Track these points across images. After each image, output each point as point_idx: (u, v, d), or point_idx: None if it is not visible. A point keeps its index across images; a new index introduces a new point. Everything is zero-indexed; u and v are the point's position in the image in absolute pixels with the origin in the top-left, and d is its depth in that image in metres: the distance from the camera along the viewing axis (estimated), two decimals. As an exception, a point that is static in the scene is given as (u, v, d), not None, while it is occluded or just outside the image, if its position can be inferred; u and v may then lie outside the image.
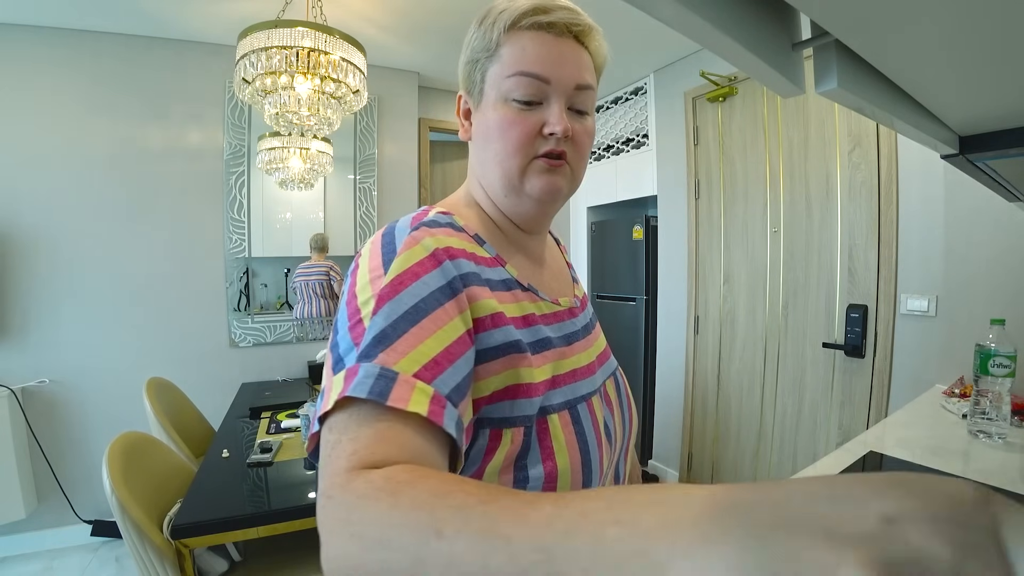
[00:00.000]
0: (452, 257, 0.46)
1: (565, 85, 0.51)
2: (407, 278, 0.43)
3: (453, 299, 0.44)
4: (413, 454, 0.35)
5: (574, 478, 0.48)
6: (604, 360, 0.62)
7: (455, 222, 0.52)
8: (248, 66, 1.48)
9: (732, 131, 2.38)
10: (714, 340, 2.51)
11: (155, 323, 2.34)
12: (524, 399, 0.46)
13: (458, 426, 0.39)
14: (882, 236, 1.82)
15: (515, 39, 0.51)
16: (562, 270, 0.67)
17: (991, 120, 0.58)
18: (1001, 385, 1.14)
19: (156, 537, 1.15)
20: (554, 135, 0.51)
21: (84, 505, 2.24)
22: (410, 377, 0.38)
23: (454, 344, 0.42)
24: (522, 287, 0.54)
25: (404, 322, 0.40)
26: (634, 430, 0.65)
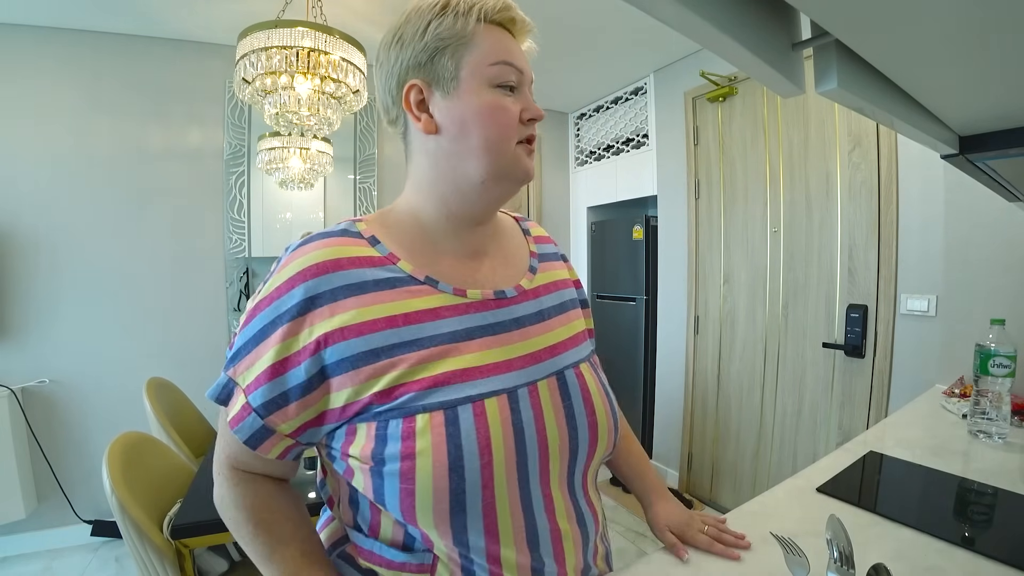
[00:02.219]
0: (312, 275, 0.49)
1: (529, 77, 0.56)
2: (264, 303, 0.50)
3: (293, 321, 0.49)
4: (249, 460, 0.55)
5: (437, 483, 0.47)
6: (546, 356, 0.57)
7: (351, 228, 0.55)
8: (248, 66, 1.48)
9: (732, 131, 2.38)
10: (714, 340, 2.51)
11: (155, 323, 2.34)
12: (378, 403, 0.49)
13: (258, 433, 0.51)
14: (882, 236, 1.82)
15: (490, 30, 0.53)
16: (512, 258, 0.63)
17: (991, 120, 0.58)
18: (1001, 385, 1.14)
19: (156, 537, 1.15)
20: (534, 120, 0.54)
21: (84, 505, 2.24)
22: (243, 389, 0.51)
23: (278, 364, 0.49)
24: (416, 281, 0.54)
25: (251, 343, 0.50)
26: (599, 440, 0.58)
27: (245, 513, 0.54)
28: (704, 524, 0.75)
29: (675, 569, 0.70)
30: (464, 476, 0.47)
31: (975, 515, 0.85)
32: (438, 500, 0.47)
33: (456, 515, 0.48)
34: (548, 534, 0.54)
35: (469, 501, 0.48)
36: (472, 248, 0.59)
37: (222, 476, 0.56)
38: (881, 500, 0.89)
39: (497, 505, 0.50)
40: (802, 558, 0.63)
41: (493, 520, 0.50)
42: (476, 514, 0.49)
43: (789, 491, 0.90)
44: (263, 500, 0.55)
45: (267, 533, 0.54)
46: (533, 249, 0.67)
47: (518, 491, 0.51)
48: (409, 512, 0.48)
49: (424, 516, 0.48)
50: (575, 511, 0.57)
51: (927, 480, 0.97)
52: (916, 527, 0.78)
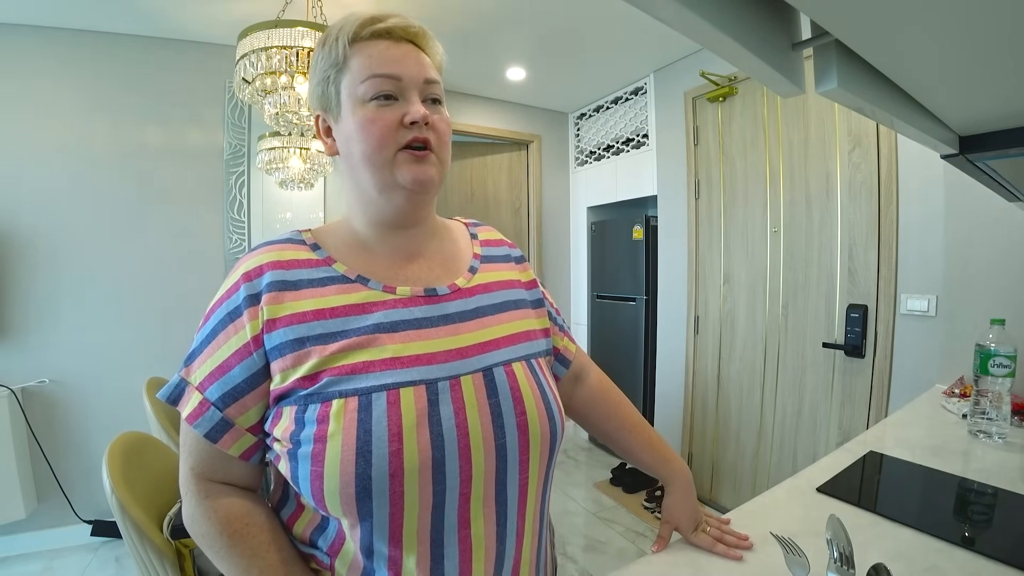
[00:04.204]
0: (255, 276, 0.54)
1: (415, 79, 0.55)
2: (215, 307, 0.55)
3: (238, 319, 0.53)
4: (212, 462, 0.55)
5: (344, 467, 0.47)
6: (473, 352, 0.56)
7: (295, 236, 0.60)
8: (248, 66, 1.48)
9: (732, 131, 2.38)
10: (714, 340, 2.51)
11: (155, 323, 2.34)
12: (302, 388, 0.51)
13: (218, 426, 0.52)
14: (882, 236, 1.82)
15: (360, 49, 0.55)
16: (450, 260, 0.64)
17: (991, 120, 0.58)
18: (1001, 385, 1.14)
19: (156, 537, 1.15)
20: (416, 122, 0.54)
21: (84, 505, 2.24)
22: (195, 387, 0.54)
23: (231, 357, 0.52)
24: (347, 279, 0.56)
25: (204, 343, 0.54)
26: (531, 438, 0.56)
27: (218, 527, 0.53)
28: (708, 524, 0.76)
29: (675, 569, 0.70)
30: (371, 461, 0.47)
31: (975, 515, 0.85)
32: (344, 484, 0.47)
33: (362, 501, 0.48)
34: (456, 543, 0.52)
35: (375, 488, 0.47)
36: (406, 251, 0.61)
37: (190, 492, 0.55)
38: (881, 500, 0.89)
39: (406, 500, 0.49)
40: (802, 558, 0.63)
41: (399, 515, 0.49)
42: (383, 503, 0.48)
43: (789, 491, 0.90)
44: (235, 511, 0.54)
45: (243, 544, 0.52)
46: (477, 251, 0.68)
47: (431, 487, 0.49)
48: (318, 495, 0.49)
49: (332, 500, 0.48)
50: (496, 522, 0.54)
51: (927, 480, 0.97)
52: (916, 527, 0.78)
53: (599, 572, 2.01)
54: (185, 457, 0.55)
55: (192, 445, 0.54)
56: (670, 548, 0.76)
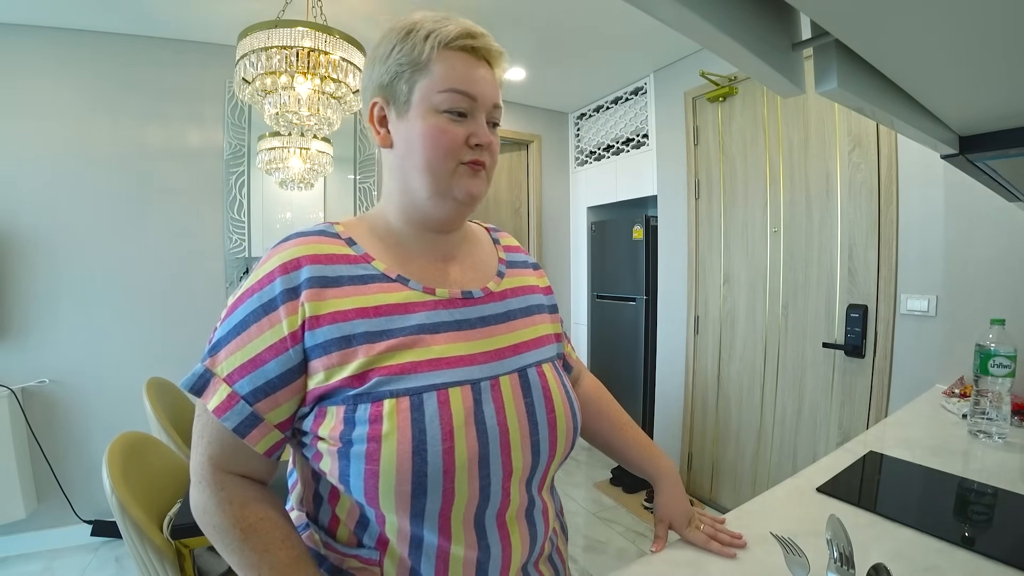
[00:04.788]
0: (292, 269, 0.53)
1: (486, 103, 0.58)
2: (245, 296, 0.54)
3: (273, 312, 0.52)
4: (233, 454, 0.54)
5: (401, 464, 0.49)
6: (509, 353, 0.60)
7: (329, 229, 0.59)
8: (248, 66, 1.48)
9: (732, 131, 2.38)
10: (714, 340, 2.51)
11: (155, 323, 2.34)
12: (349, 387, 0.52)
13: (247, 420, 0.51)
14: (882, 236, 1.82)
15: (446, 58, 0.56)
16: (480, 264, 0.68)
17: (991, 120, 0.58)
18: (1001, 385, 1.14)
19: (156, 537, 1.15)
20: (480, 145, 0.57)
21: (84, 505, 2.24)
22: (222, 379, 0.52)
23: (262, 352, 0.51)
24: (387, 278, 0.57)
25: (231, 334, 0.53)
26: (559, 435, 0.60)
27: (232, 519, 0.52)
28: (701, 522, 0.76)
29: (675, 569, 0.70)
30: (427, 459, 0.50)
31: (975, 515, 0.85)
32: (400, 481, 0.49)
33: (417, 498, 0.50)
34: (497, 530, 0.56)
35: (430, 484, 0.50)
36: (441, 253, 0.64)
37: (204, 482, 0.54)
38: (881, 500, 0.89)
39: (456, 493, 0.51)
40: (802, 558, 0.63)
41: (448, 508, 0.52)
42: (436, 499, 0.51)
43: (789, 491, 0.90)
44: (250, 504, 0.54)
45: (256, 539, 0.52)
46: (502, 256, 0.72)
47: (477, 481, 0.53)
48: (372, 493, 0.50)
49: (386, 498, 0.50)
50: (528, 509, 0.59)
51: (927, 480, 0.97)
52: (916, 527, 0.78)
53: (599, 572, 2.01)
54: (203, 446, 0.54)
55: (213, 435, 0.53)
56: (670, 548, 0.76)
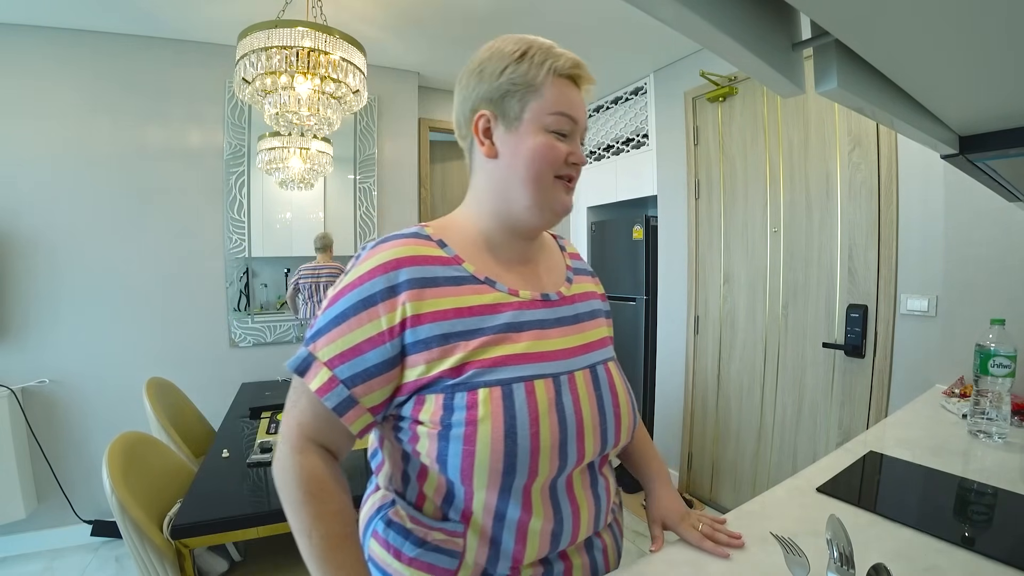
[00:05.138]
0: (392, 268, 0.59)
1: (582, 126, 0.66)
2: (347, 289, 0.60)
3: (374, 307, 0.58)
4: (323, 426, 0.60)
5: (495, 446, 0.56)
6: (581, 352, 0.67)
7: (421, 232, 0.65)
8: (248, 66, 1.48)
9: (732, 131, 2.38)
10: (714, 340, 2.51)
11: (155, 323, 2.34)
12: (449, 378, 0.58)
13: (345, 402, 0.58)
14: (882, 236, 1.82)
15: (558, 84, 0.63)
16: (553, 269, 0.75)
17: (991, 120, 0.58)
18: (1001, 385, 1.14)
19: (156, 537, 1.15)
20: (577, 164, 0.65)
21: (84, 505, 2.24)
22: (323, 363, 0.58)
23: (362, 343, 0.58)
24: (477, 280, 0.64)
25: (334, 322, 0.59)
26: (622, 425, 0.68)
27: (299, 480, 0.58)
28: (699, 521, 0.76)
29: (675, 569, 0.70)
30: (517, 442, 0.57)
31: (975, 515, 0.85)
32: (494, 460, 0.56)
33: (507, 475, 0.57)
34: (569, 504, 0.64)
35: (519, 464, 0.57)
36: (523, 257, 0.71)
37: (287, 442, 0.60)
38: (881, 500, 0.89)
39: (539, 473, 0.59)
40: (802, 558, 0.63)
41: (530, 486, 0.60)
42: (522, 476, 0.58)
43: (789, 491, 0.90)
44: (318, 474, 0.59)
45: (313, 505, 0.58)
46: (568, 263, 0.79)
47: (556, 463, 0.60)
48: (468, 471, 0.57)
49: (480, 474, 0.57)
50: (593, 486, 0.68)
51: (927, 480, 0.97)
52: (916, 527, 0.78)
53: (599, 572, 2.00)
54: (296, 413, 0.61)
55: (308, 408, 0.60)
56: (669, 548, 0.76)
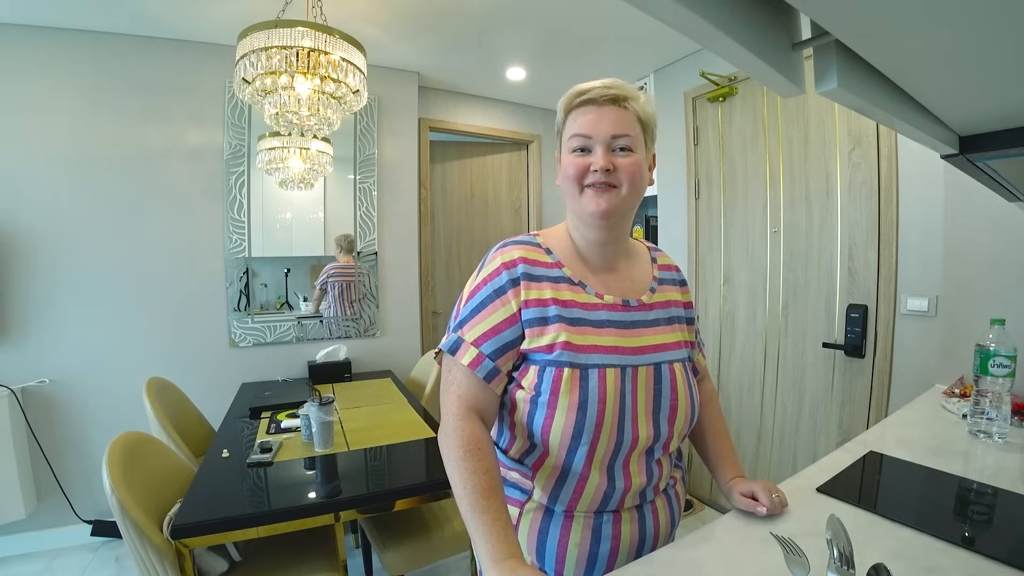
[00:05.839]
0: (512, 266, 0.78)
1: (603, 136, 0.76)
2: (480, 285, 0.79)
3: (504, 295, 0.77)
4: (477, 392, 0.76)
5: (569, 415, 0.73)
6: (650, 351, 0.79)
7: (533, 240, 0.83)
8: (248, 66, 1.48)
9: (732, 131, 2.38)
10: (714, 340, 2.51)
11: (155, 323, 2.34)
12: (542, 352, 0.75)
13: (491, 371, 0.76)
14: (882, 236, 1.82)
15: (572, 115, 0.80)
16: (639, 279, 0.87)
17: (991, 120, 0.58)
18: (1001, 385, 1.14)
19: (156, 537, 1.15)
20: (596, 170, 0.76)
21: (84, 505, 2.24)
22: (469, 344, 0.76)
23: (499, 324, 0.76)
24: (572, 282, 0.80)
25: (473, 313, 0.78)
26: (677, 418, 0.79)
27: (459, 440, 0.72)
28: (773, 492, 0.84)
29: (676, 568, 0.70)
30: (586, 414, 0.73)
31: (975, 515, 0.85)
32: (567, 425, 0.73)
33: (575, 439, 0.73)
34: (623, 473, 0.77)
35: (586, 432, 0.73)
36: (607, 263, 0.85)
37: (450, 411, 0.76)
38: (881, 500, 0.89)
39: (600, 443, 0.74)
40: (802, 558, 0.63)
41: (593, 451, 0.74)
42: (587, 443, 0.73)
43: (789, 491, 0.90)
44: (475, 436, 0.72)
45: (470, 460, 0.70)
46: (655, 274, 0.90)
47: (616, 438, 0.75)
48: (546, 431, 0.74)
49: (555, 435, 0.74)
50: (646, 465, 0.79)
51: (927, 480, 0.97)
52: (916, 527, 0.78)
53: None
54: (454, 389, 0.77)
55: (464, 380, 0.76)
56: (669, 547, 0.76)
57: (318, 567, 1.38)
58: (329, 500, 1.28)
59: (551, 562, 0.78)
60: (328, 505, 1.28)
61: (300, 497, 1.30)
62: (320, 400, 1.59)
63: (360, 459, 1.54)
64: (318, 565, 1.39)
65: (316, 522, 1.27)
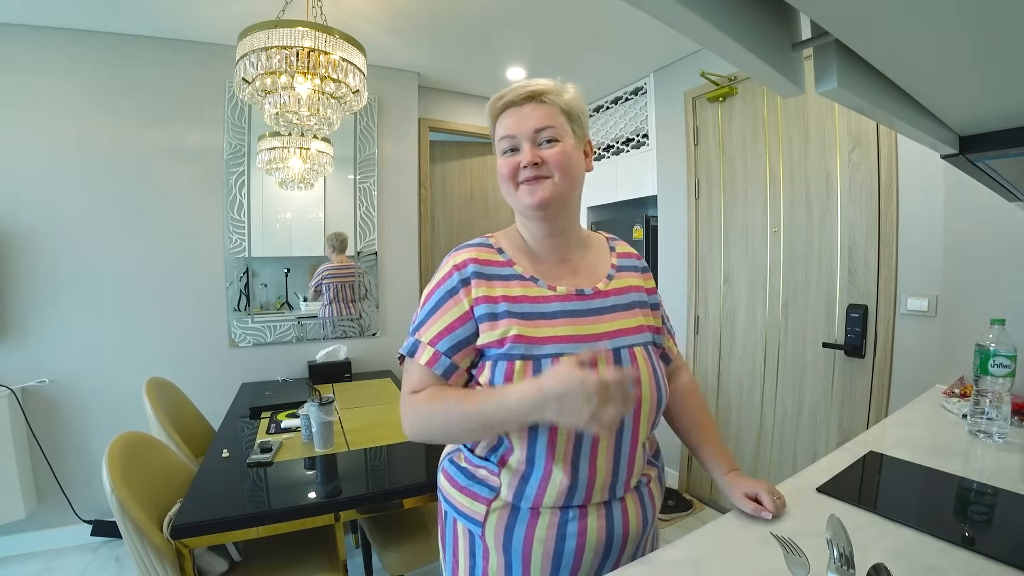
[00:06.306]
0: (463, 267, 0.80)
1: (527, 132, 0.79)
2: (434, 289, 0.82)
3: (456, 295, 0.79)
4: (430, 383, 0.79)
5: None
6: (607, 337, 0.80)
7: (485, 241, 0.86)
8: (248, 66, 1.48)
9: (732, 131, 2.38)
10: (714, 340, 2.51)
11: (155, 323, 2.34)
12: (495, 347, 0.77)
13: (448, 368, 0.78)
14: (882, 236, 1.82)
15: (499, 121, 0.83)
16: (594, 268, 0.88)
17: (991, 120, 0.58)
18: (1001, 385, 1.14)
19: (156, 537, 1.15)
20: (526, 166, 0.79)
21: (84, 505, 2.24)
22: (426, 344, 0.79)
23: (453, 322, 0.78)
24: (523, 278, 0.81)
25: (428, 315, 0.81)
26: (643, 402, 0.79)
27: (423, 400, 0.77)
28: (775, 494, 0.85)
29: (675, 569, 0.70)
30: None
31: (975, 515, 0.85)
32: None
33: (531, 430, 0.75)
34: (587, 464, 0.77)
35: (542, 425, 0.73)
36: (558, 255, 0.86)
37: (406, 400, 0.80)
38: (881, 500, 0.89)
39: (557, 435, 0.74)
40: (802, 558, 0.63)
41: (554, 440, 0.75)
42: (546, 430, 0.74)
43: (789, 491, 0.90)
44: (430, 391, 0.78)
45: (437, 399, 0.75)
46: (614, 262, 0.91)
47: (575, 430, 0.74)
48: None
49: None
50: (614, 455, 0.78)
51: (927, 480, 0.97)
52: (916, 527, 0.78)
53: (599, 572, 2.00)
54: (407, 385, 0.81)
55: (422, 378, 0.79)
56: (669, 547, 0.76)
57: (318, 567, 1.38)
58: (329, 500, 1.28)
59: (517, 560, 0.78)
60: (328, 505, 1.28)
61: (300, 497, 1.30)
62: (320, 400, 1.59)
63: (360, 459, 1.54)
64: (318, 565, 1.39)
65: (316, 522, 1.27)
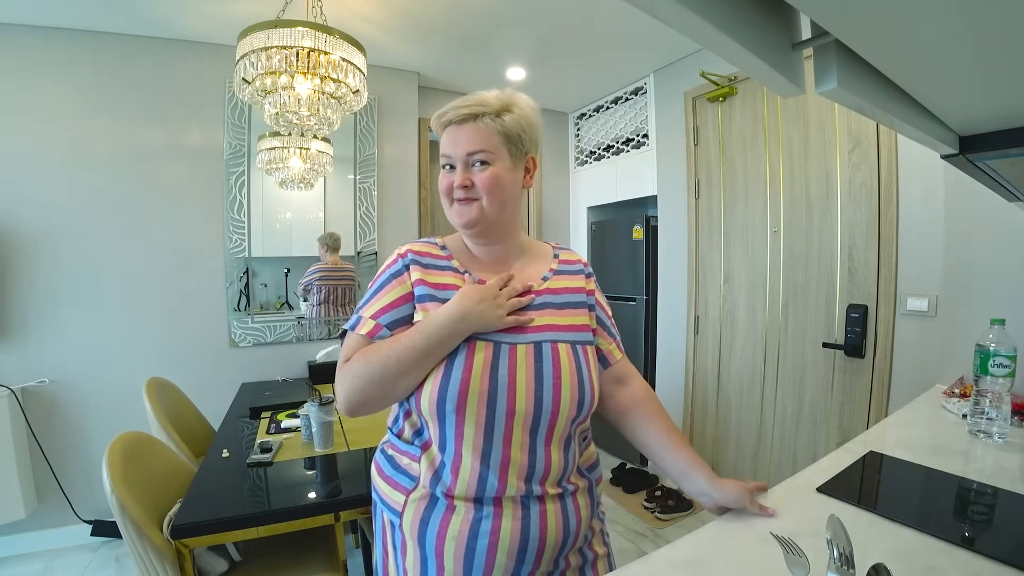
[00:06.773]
0: (405, 255, 0.87)
1: (460, 155, 0.83)
2: (380, 274, 0.88)
3: (400, 276, 0.86)
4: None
5: (434, 386, 0.76)
6: (531, 331, 0.82)
7: (432, 240, 0.92)
8: (248, 66, 1.48)
9: (732, 131, 2.38)
10: (714, 340, 2.51)
11: (155, 323, 2.34)
12: None
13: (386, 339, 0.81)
14: (882, 236, 1.82)
15: (443, 135, 0.86)
16: (533, 270, 0.91)
17: (991, 120, 0.58)
18: (1001, 385, 1.14)
19: (156, 537, 1.15)
20: (457, 187, 0.83)
21: (84, 505, 2.24)
22: (367, 318, 0.83)
23: (396, 300, 0.84)
24: (458, 271, 0.87)
25: (372, 295, 0.86)
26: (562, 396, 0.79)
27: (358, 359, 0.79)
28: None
29: (675, 569, 0.70)
30: (450, 380, 0.76)
31: (975, 515, 0.85)
32: (432, 390, 0.76)
33: (439, 404, 0.76)
34: (500, 454, 0.77)
35: (449, 399, 0.75)
36: (495, 258, 0.91)
37: (343, 370, 0.80)
38: (881, 500, 0.89)
39: (467, 415, 0.76)
40: (802, 558, 0.63)
41: (462, 426, 0.76)
42: (453, 409, 0.76)
43: (789, 491, 0.90)
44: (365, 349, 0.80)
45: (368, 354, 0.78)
46: (553, 266, 0.93)
47: (485, 411, 0.76)
48: (419, 398, 0.78)
49: (424, 401, 0.77)
50: (529, 450, 0.78)
51: (927, 480, 0.97)
52: (916, 527, 0.78)
53: (599, 572, 2.00)
54: (344, 356, 0.82)
55: (355, 347, 0.82)
56: (669, 547, 0.76)
57: (318, 567, 1.38)
58: (329, 500, 1.28)
59: (431, 554, 0.77)
60: (328, 505, 1.28)
61: (300, 497, 1.30)
62: (320, 400, 1.59)
63: (360, 459, 1.54)
64: (318, 565, 1.39)
65: (316, 522, 1.27)
